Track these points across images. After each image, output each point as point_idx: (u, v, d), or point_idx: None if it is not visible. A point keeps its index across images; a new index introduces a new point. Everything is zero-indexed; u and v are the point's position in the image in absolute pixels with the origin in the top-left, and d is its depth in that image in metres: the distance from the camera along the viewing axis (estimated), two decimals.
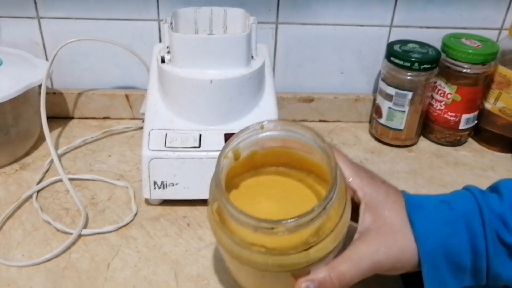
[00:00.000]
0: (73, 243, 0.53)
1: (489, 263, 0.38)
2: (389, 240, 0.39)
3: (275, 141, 0.42)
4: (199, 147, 0.55)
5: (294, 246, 0.36)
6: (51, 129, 0.71)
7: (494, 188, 0.42)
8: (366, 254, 0.38)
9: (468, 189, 0.42)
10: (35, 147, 0.69)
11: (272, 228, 0.34)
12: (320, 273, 0.38)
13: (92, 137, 0.71)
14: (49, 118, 0.66)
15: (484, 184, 0.42)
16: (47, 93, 0.68)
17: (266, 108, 0.59)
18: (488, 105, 0.71)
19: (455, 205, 0.40)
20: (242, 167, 0.43)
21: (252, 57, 0.58)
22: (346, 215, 0.38)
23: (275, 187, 0.43)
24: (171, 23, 0.57)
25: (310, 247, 0.36)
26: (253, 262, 0.37)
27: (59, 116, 0.76)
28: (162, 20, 0.71)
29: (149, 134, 0.56)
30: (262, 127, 0.40)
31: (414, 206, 0.40)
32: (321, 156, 0.39)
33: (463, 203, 0.40)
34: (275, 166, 0.44)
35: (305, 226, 0.34)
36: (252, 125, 0.41)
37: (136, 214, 0.58)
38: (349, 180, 0.41)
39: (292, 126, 0.40)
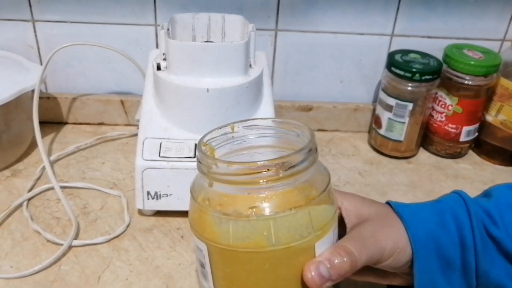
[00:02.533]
0: (63, 254, 0.52)
1: (477, 258, 0.38)
2: (380, 222, 0.39)
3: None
4: (194, 157, 0.54)
5: (293, 201, 0.34)
6: (44, 134, 0.70)
7: (487, 194, 0.42)
8: (368, 233, 0.38)
9: (455, 191, 0.42)
10: (27, 153, 0.67)
11: (268, 170, 0.33)
12: (327, 253, 0.35)
13: (86, 143, 0.70)
14: (42, 123, 0.65)
15: None
16: (40, 98, 0.67)
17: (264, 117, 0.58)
18: (489, 118, 0.70)
19: (441, 200, 0.41)
20: None
21: (250, 65, 0.57)
22: (332, 188, 0.37)
23: None
24: (168, 29, 0.56)
25: (308, 205, 0.34)
26: (254, 242, 0.34)
27: (53, 121, 0.74)
28: (159, 25, 0.69)
29: (143, 143, 0.55)
30: (232, 128, 0.40)
31: (399, 205, 0.41)
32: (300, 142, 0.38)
33: (449, 199, 0.41)
34: None
35: (298, 166, 0.34)
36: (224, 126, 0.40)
37: (128, 225, 0.56)
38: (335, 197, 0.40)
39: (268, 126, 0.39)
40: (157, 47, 0.71)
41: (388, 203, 0.42)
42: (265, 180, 0.33)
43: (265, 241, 0.34)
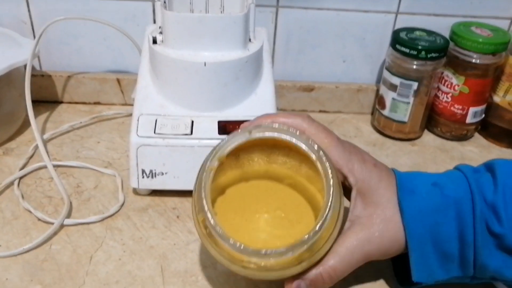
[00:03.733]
0: (55, 233, 0.50)
1: (476, 253, 0.38)
2: (380, 229, 0.38)
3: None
4: (191, 134, 0.52)
5: (285, 264, 0.34)
6: (38, 113, 0.68)
7: (489, 167, 0.40)
8: (357, 247, 0.38)
9: (461, 169, 0.41)
10: (20, 131, 0.65)
11: (266, 256, 0.33)
12: (312, 275, 0.37)
13: (81, 122, 0.68)
14: (37, 101, 0.63)
15: None
16: (34, 76, 0.65)
17: (263, 95, 0.56)
18: (497, 98, 0.68)
19: (447, 191, 0.39)
20: (228, 162, 0.40)
21: (250, 40, 0.54)
22: (339, 222, 0.37)
23: (267, 195, 0.41)
24: (165, 2, 0.54)
25: (304, 261, 0.35)
26: (244, 274, 0.36)
27: (48, 100, 0.72)
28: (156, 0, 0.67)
29: (138, 120, 0.53)
30: (250, 132, 0.38)
31: (405, 191, 0.40)
32: (315, 163, 0.37)
33: (456, 189, 0.39)
34: (264, 156, 0.41)
35: (296, 251, 0.34)
36: (239, 131, 0.39)
37: (123, 204, 0.54)
38: (341, 165, 0.39)
39: (281, 131, 0.38)
40: (154, 23, 0.69)
41: (396, 178, 0.41)
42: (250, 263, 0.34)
43: (253, 277, 0.37)
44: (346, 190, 0.40)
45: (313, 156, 0.36)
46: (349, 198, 0.40)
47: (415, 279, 0.39)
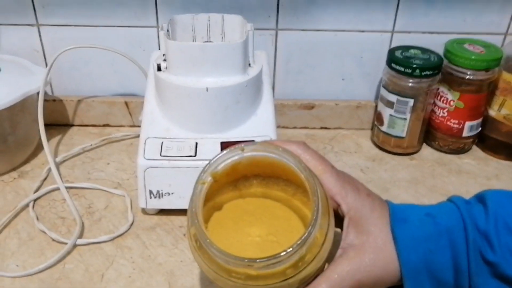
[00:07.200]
0: (68, 253, 0.53)
1: (471, 281, 0.38)
2: (372, 258, 0.38)
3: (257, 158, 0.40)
4: (195, 156, 0.55)
5: (273, 276, 0.35)
6: (50, 136, 0.72)
7: (480, 198, 0.41)
8: (348, 274, 0.38)
9: (453, 201, 0.41)
10: (34, 154, 0.69)
11: (249, 266, 0.34)
12: None
13: (91, 144, 0.71)
14: (49, 125, 0.66)
15: None
16: (46, 101, 0.68)
17: (263, 116, 0.58)
18: (492, 112, 0.70)
19: (440, 220, 0.39)
20: (225, 178, 0.41)
21: (250, 64, 0.57)
22: (327, 243, 0.37)
23: (260, 209, 0.42)
24: (168, 30, 0.57)
25: (290, 277, 0.35)
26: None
27: (59, 124, 0.76)
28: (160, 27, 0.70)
29: (145, 143, 0.56)
30: (242, 149, 0.39)
31: (398, 219, 0.40)
32: (304, 181, 0.38)
33: (448, 218, 0.39)
34: (259, 177, 0.42)
35: (284, 263, 0.34)
36: (233, 148, 0.39)
37: (132, 223, 0.57)
38: (334, 193, 0.40)
39: (273, 149, 0.39)
40: (159, 48, 0.72)
41: (389, 207, 0.41)
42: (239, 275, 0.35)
43: None
44: (339, 218, 0.40)
45: (302, 176, 0.37)
46: (341, 227, 0.41)
47: None
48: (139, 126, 0.72)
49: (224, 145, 0.55)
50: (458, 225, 0.38)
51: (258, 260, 0.34)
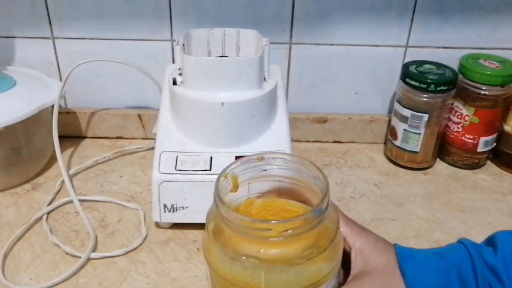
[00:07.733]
0: (82, 267, 0.53)
1: None
2: (382, 280, 0.39)
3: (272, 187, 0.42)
4: (210, 170, 0.55)
5: (287, 258, 0.35)
6: (64, 148, 0.72)
7: (491, 241, 0.42)
8: None
9: (461, 241, 0.42)
10: (47, 167, 0.69)
11: (267, 229, 0.34)
12: None
13: (104, 157, 0.71)
14: (62, 137, 0.66)
15: (503, 209, 0.40)
16: (60, 113, 0.68)
17: (278, 131, 0.58)
18: (507, 128, 0.69)
19: (448, 256, 0.40)
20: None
21: (265, 79, 0.57)
22: (338, 243, 0.38)
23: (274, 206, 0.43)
24: (183, 45, 0.57)
25: (303, 263, 0.35)
26: (245, 281, 0.36)
27: (72, 136, 0.76)
28: (175, 41, 0.70)
29: (159, 157, 0.56)
30: (261, 159, 0.41)
31: (405, 257, 0.41)
32: (315, 184, 0.39)
33: (455, 254, 0.40)
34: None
35: (301, 230, 0.35)
36: (252, 155, 0.41)
37: (145, 237, 0.57)
38: (340, 228, 0.41)
39: (291, 161, 0.40)
40: (173, 61, 0.73)
41: (395, 247, 0.42)
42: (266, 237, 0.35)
43: (255, 286, 0.36)
44: (346, 254, 0.41)
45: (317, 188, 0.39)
46: (349, 261, 0.41)
47: None
48: (152, 139, 0.73)
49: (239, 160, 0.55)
50: (466, 260, 0.39)
51: (273, 222, 0.35)
